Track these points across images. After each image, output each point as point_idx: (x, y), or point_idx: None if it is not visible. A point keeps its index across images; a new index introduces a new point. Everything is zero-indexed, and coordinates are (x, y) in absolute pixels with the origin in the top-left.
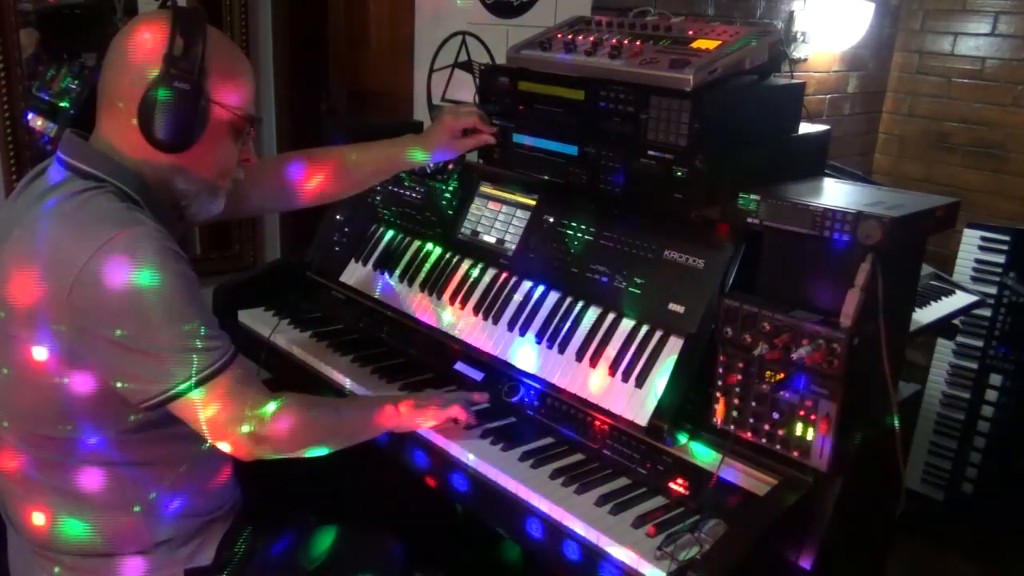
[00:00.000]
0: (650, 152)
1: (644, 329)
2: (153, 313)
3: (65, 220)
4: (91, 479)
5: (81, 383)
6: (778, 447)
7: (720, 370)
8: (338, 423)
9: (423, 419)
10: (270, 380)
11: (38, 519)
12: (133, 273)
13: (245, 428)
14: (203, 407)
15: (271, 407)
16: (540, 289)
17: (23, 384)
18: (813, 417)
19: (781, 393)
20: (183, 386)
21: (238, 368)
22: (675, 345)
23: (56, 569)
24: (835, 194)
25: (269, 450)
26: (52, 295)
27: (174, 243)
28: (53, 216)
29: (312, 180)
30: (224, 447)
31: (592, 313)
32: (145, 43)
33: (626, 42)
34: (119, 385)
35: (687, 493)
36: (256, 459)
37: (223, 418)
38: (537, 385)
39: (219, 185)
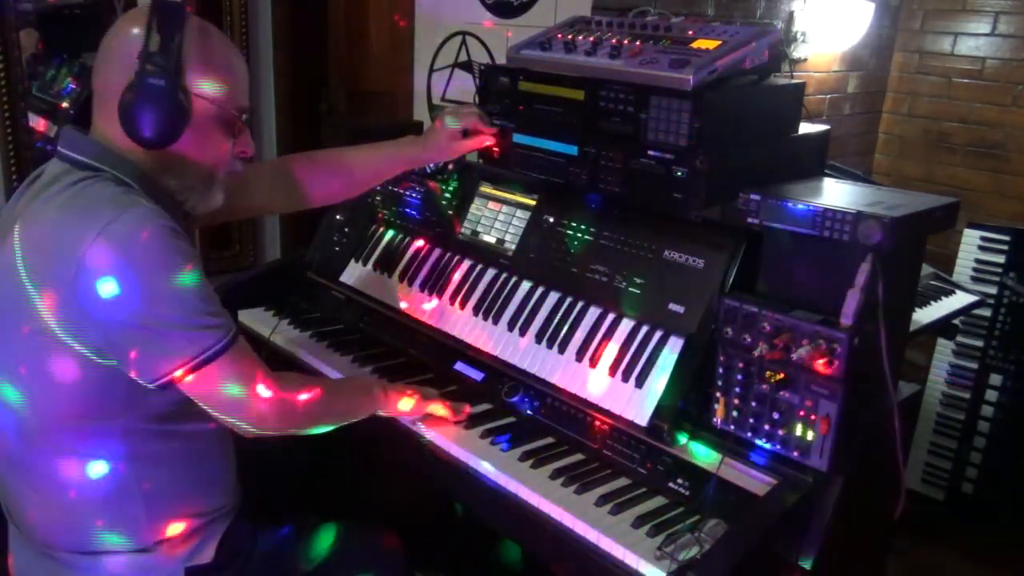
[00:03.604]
0: (650, 152)
1: (644, 329)
2: (157, 292)
3: (65, 208)
4: (95, 475)
5: (90, 371)
6: (778, 447)
7: (720, 370)
8: (335, 401)
9: (407, 406)
10: None
11: (41, 515)
12: (135, 253)
13: (249, 405)
14: (210, 384)
15: (273, 385)
16: (540, 289)
17: (30, 376)
18: (813, 417)
19: (781, 393)
20: (192, 363)
21: (241, 346)
22: (675, 345)
23: (57, 566)
24: (835, 194)
25: (271, 426)
26: (58, 282)
27: (174, 222)
28: (53, 205)
29: (315, 181)
30: (229, 423)
31: (592, 313)
32: (126, 40)
33: (626, 42)
34: (128, 366)
35: (687, 493)
36: (258, 435)
37: (229, 395)
38: (537, 385)
39: (212, 179)
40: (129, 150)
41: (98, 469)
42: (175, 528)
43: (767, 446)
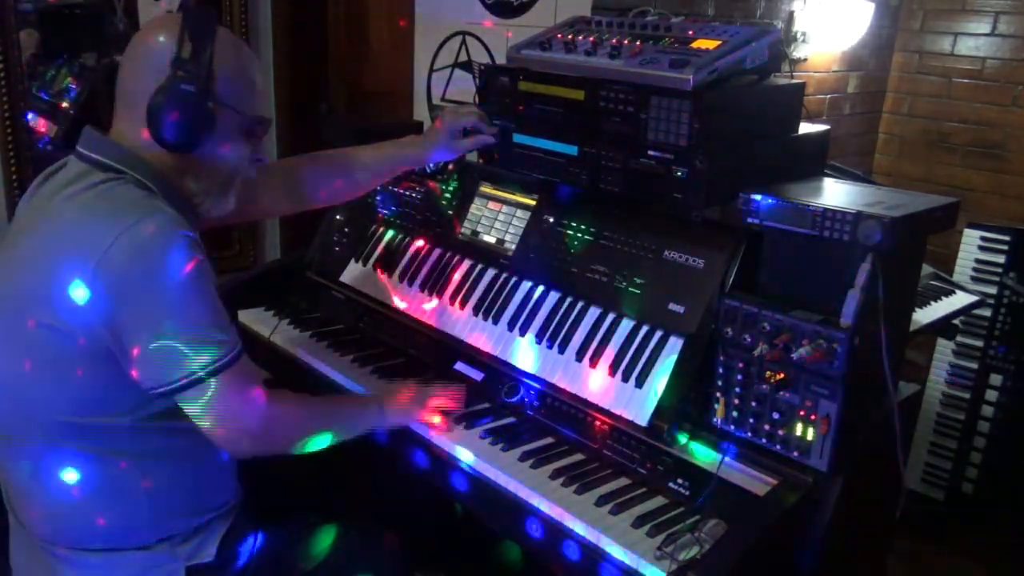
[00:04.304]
0: (650, 152)
1: (644, 329)
2: (171, 301)
3: (87, 207)
4: (100, 471)
5: (97, 369)
6: (778, 447)
7: (720, 370)
8: (330, 423)
9: (407, 419)
10: (270, 380)
11: (43, 511)
12: (154, 260)
13: (243, 424)
14: (207, 400)
15: (269, 405)
16: (540, 289)
17: (40, 371)
18: (813, 417)
19: (781, 393)
20: (194, 377)
21: (244, 364)
22: (675, 345)
23: (57, 563)
24: (835, 194)
25: (263, 447)
26: (74, 279)
27: (194, 232)
28: (75, 204)
29: (319, 181)
30: (220, 442)
31: (592, 313)
32: (156, 45)
33: (626, 42)
34: (133, 371)
35: (687, 493)
36: (249, 456)
37: (224, 413)
38: (537, 385)
39: (229, 184)
40: (149, 153)
41: (102, 466)
42: (177, 526)
43: (767, 446)
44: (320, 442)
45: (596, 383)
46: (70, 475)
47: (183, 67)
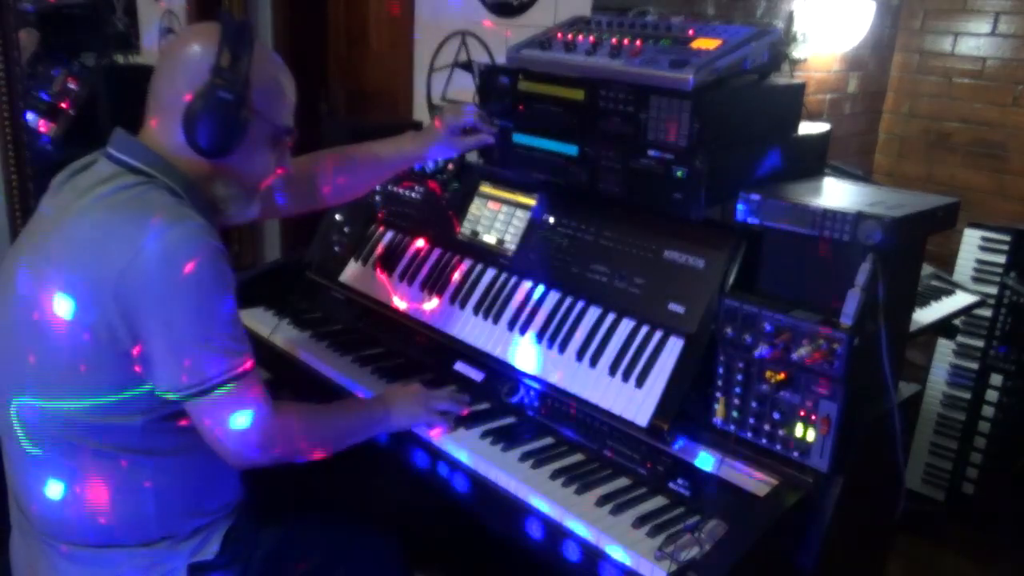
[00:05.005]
0: (650, 152)
1: (644, 329)
2: (194, 310)
3: (120, 208)
4: (108, 468)
5: (116, 370)
6: (778, 447)
7: (720, 370)
8: (332, 431)
9: (412, 422)
10: (270, 380)
11: (50, 507)
12: (181, 268)
13: (248, 436)
14: (215, 409)
15: (274, 418)
16: (540, 289)
17: (58, 371)
18: (813, 417)
19: (781, 393)
20: (206, 385)
21: (253, 375)
22: (675, 345)
23: (61, 560)
24: (835, 194)
25: (268, 459)
26: (101, 279)
27: (221, 241)
28: (107, 205)
29: (337, 179)
30: (224, 453)
31: (592, 313)
32: (195, 53)
33: (626, 42)
34: (148, 373)
35: (687, 493)
36: (249, 466)
37: (230, 424)
38: (537, 385)
39: (254, 191)
40: (180, 158)
41: (110, 463)
42: (180, 524)
43: (767, 446)
44: (324, 452)
45: (596, 383)
46: (78, 472)
47: (221, 75)
